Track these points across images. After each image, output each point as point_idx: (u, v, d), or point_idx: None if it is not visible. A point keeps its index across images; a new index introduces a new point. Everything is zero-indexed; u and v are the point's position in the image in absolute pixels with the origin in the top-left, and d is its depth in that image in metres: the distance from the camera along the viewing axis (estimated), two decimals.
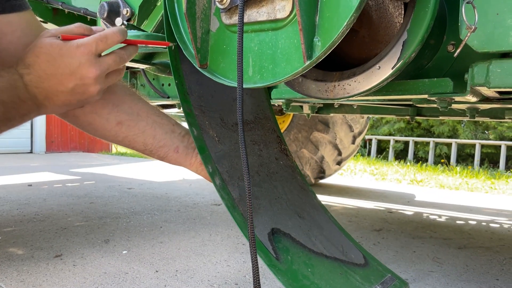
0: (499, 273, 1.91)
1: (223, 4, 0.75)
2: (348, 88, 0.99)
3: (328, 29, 0.68)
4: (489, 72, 0.88)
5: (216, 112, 0.93)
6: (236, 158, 0.93)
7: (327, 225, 1.00)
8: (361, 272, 0.91)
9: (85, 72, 0.64)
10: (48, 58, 0.62)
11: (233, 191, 0.84)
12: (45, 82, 0.63)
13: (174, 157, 0.85)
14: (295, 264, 0.81)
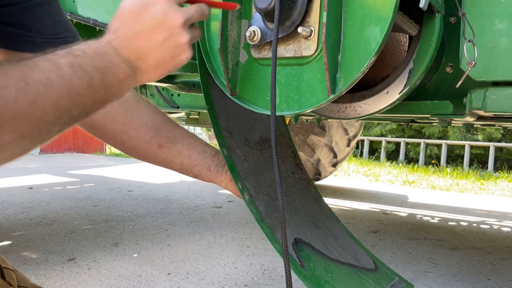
0: (491, 273, 2.03)
1: (253, 41, 0.85)
2: (358, 110, 1.09)
3: (350, 67, 0.78)
4: (486, 98, 0.98)
5: (241, 133, 1.02)
6: (259, 174, 1.02)
7: (340, 233, 1.11)
8: (372, 276, 1.01)
9: (171, 19, 0.63)
10: (133, 15, 0.62)
11: (260, 205, 0.93)
12: (134, 41, 0.61)
13: (207, 175, 0.94)
14: (317, 271, 0.90)
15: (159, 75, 0.67)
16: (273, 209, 0.97)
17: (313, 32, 0.79)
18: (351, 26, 0.76)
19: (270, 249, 2.27)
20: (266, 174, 1.04)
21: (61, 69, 0.51)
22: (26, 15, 0.72)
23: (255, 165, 1.01)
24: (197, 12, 0.68)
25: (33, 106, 0.47)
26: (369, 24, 0.74)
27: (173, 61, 0.66)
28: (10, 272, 0.77)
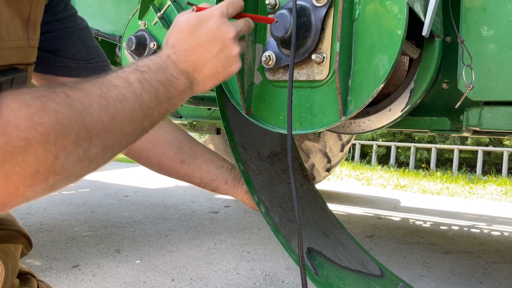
0: (483, 276, 2.12)
1: (268, 65, 0.91)
2: (362, 126, 1.16)
3: (360, 92, 0.84)
4: (482, 116, 1.06)
5: (253, 148, 1.08)
6: (272, 187, 1.08)
7: (347, 241, 1.17)
8: (379, 282, 1.07)
9: (224, 33, 0.69)
10: (190, 30, 0.67)
11: (275, 217, 0.99)
12: (191, 54, 0.67)
13: (224, 188, 0.99)
14: (330, 278, 0.96)
15: (212, 84, 0.72)
16: (286, 220, 1.03)
17: (325, 58, 0.85)
18: (361, 54, 0.83)
19: (270, 255, 2.33)
20: (278, 187, 1.10)
21: (132, 85, 0.56)
22: (61, 42, 0.77)
23: (268, 178, 1.07)
24: (245, 25, 0.75)
25: (114, 121, 0.52)
26: (378, 53, 0.81)
27: (225, 71, 0.72)
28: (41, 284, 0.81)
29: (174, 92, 0.64)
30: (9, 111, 0.42)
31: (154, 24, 1.57)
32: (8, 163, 0.42)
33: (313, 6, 0.84)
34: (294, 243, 0.96)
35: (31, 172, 0.43)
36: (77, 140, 0.47)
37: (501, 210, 4.28)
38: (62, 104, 0.47)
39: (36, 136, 0.43)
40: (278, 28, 0.84)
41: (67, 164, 0.46)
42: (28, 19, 0.61)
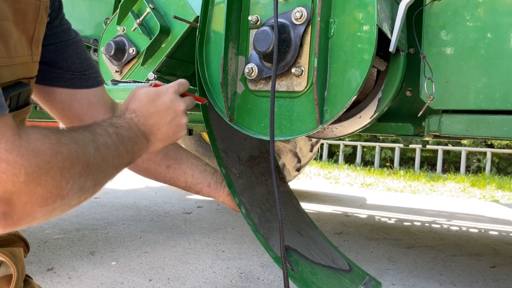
0: (443, 269, 2.28)
1: (251, 76, 0.98)
2: (335, 131, 1.25)
3: (335, 102, 0.92)
4: (441, 123, 1.17)
5: (234, 152, 1.15)
6: (252, 189, 1.15)
7: (319, 239, 1.26)
8: (348, 276, 1.17)
9: (176, 106, 0.83)
10: (148, 100, 0.81)
11: (254, 218, 1.06)
12: (149, 120, 0.79)
13: (207, 191, 1.05)
14: (305, 273, 1.04)
15: (162, 145, 0.85)
16: (264, 220, 1.10)
17: (303, 71, 0.93)
18: (336, 68, 0.91)
19: (244, 253, 2.41)
20: (257, 189, 1.17)
21: (111, 136, 0.67)
22: (57, 55, 0.81)
23: (248, 181, 1.14)
24: (191, 102, 0.90)
25: (103, 161, 0.62)
26: (351, 68, 0.90)
27: (174, 136, 0.85)
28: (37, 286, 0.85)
29: (137, 148, 0.75)
30: (35, 139, 0.50)
31: (133, 30, 1.61)
32: (34, 183, 0.48)
33: (292, 24, 0.92)
34: (272, 242, 1.03)
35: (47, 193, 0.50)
36: (81, 171, 0.56)
37: (459, 206, 4.55)
38: (70, 140, 0.56)
39: (57, 162, 0.50)
40: (261, 43, 0.91)
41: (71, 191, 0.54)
42: (33, 36, 0.65)
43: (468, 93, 1.09)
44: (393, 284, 2.01)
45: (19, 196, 0.48)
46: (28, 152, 0.48)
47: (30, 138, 0.50)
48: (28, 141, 0.49)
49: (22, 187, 0.47)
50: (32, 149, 0.49)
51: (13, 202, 0.48)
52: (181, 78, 1.84)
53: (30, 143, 0.49)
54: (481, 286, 2.04)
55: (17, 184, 0.47)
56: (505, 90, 1.06)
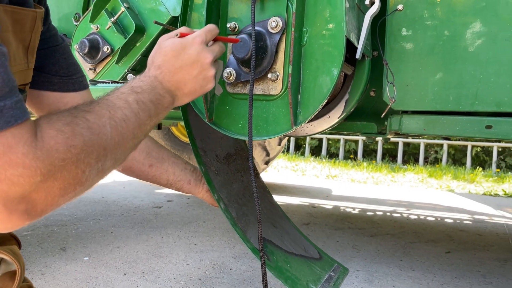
0: (402, 255, 2.45)
1: (229, 80, 1.04)
2: (306, 130, 1.34)
3: (307, 105, 1.00)
4: (401, 123, 1.29)
5: (212, 151, 1.21)
6: (229, 185, 1.22)
7: (291, 230, 1.35)
8: (319, 264, 1.27)
9: (203, 58, 0.81)
10: (174, 54, 0.79)
11: (232, 212, 1.13)
12: (175, 75, 0.78)
13: (188, 188, 1.11)
14: (279, 262, 1.12)
15: (190, 100, 0.86)
16: (242, 214, 1.18)
17: (278, 76, 1.01)
18: (308, 74, 0.99)
19: (217, 245, 2.48)
20: (234, 185, 1.24)
21: (131, 106, 0.67)
22: (45, 60, 0.84)
23: (225, 177, 1.21)
24: (219, 50, 0.89)
25: (121, 138, 0.63)
26: (322, 74, 0.98)
27: (202, 89, 0.85)
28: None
29: (161, 108, 0.76)
30: (49, 138, 0.53)
31: (107, 28, 1.62)
32: (50, 180, 0.52)
33: (268, 32, 0.99)
34: (249, 234, 1.11)
35: (65, 185, 0.54)
36: (98, 157, 0.58)
37: (418, 196, 4.81)
38: (85, 128, 0.57)
39: (71, 157, 0.54)
40: (240, 50, 0.98)
41: (90, 177, 0.57)
42: (29, 45, 0.69)
43: (425, 96, 1.20)
44: (357, 271, 2.15)
45: (38, 193, 0.52)
46: (43, 153, 0.51)
47: (45, 137, 0.52)
48: (43, 140, 0.52)
49: (40, 185, 0.51)
50: (46, 148, 0.51)
51: (33, 199, 0.52)
52: None
53: (45, 143, 0.52)
54: (437, 270, 2.21)
55: (35, 184, 0.51)
56: (457, 94, 1.18)
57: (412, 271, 2.18)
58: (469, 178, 6.25)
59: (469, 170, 7.28)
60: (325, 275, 1.23)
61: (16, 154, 0.49)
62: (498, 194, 5.11)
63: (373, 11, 1.08)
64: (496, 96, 1.14)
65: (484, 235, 3.02)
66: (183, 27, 0.90)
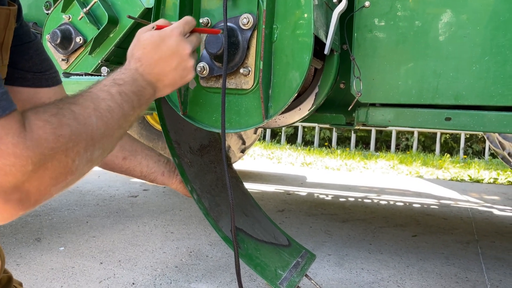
0: (372, 239, 2.56)
1: (202, 74, 1.07)
2: (278, 121, 1.39)
3: (278, 100, 1.05)
4: (368, 115, 1.35)
5: (186, 143, 1.24)
6: (202, 176, 1.26)
7: (262, 218, 1.40)
8: (287, 251, 1.33)
9: (181, 49, 0.82)
10: (153, 46, 0.79)
11: (205, 202, 1.17)
12: (155, 67, 0.79)
13: (161, 179, 1.14)
14: (250, 250, 1.18)
15: (170, 91, 0.87)
16: (214, 204, 1.23)
17: (250, 71, 1.05)
18: (279, 69, 1.04)
19: (193, 233, 2.52)
20: (207, 176, 1.28)
21: (114, 97, 0.69)
22: (19, 56, 0.85)
23: (198, 169, 1.25)
24: (197, 40, 0.90)
25: (108, 128, 0.65)
26: (292, 69, 1.03)
27: (182, 80, 0.86)
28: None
29: (143, 100, 0.78)
30: (38, 128, 0.55)
31: (79, 19, 1.61)
32: (41, 169, 0.54)
33: (240, 28, 1.03)
34: (221, 223, 1.16)
35: (56, 174, 0.56)
36: (86, 146, 0.61)
37: (388, 182, 4.98)
38: (71, 119, 0.59)
39: (60, 146, 0.56)
40: (212, 46, 1.01)
41: (80, 166, 0.60)
42: (2, 42, 0.70)
43: (390, 90, 1.27)
44: (329, 255, 2.24)
45: (30, 182, 0.53)
46: (32, 143, 0.53)
47: (33, 127, 0.54)
48: (31, 131, 0.53)
49: (32, 175, 0.53)
50: (36, 138, 0.53)
51: (26, 188, 0.54)
52: None
53: (34, 133, 0.53)
54: (404, 253, 2.33)
55: (27, 173, 0.52)
56: (419, 87, 1.25)
57: (380, 254, 2.29)
58: (438, 164, 6.50)
59: (438, 156, 7.56)
60: (293, 261, 1.29)
61: (6, 145, 0.51)
62: (464, 180, 5.35)
63: (340, 8, 1.12)
64: (455, 89, 1.22)
65: (449, 219, 3.18)
66: (161, 20, 0.91)
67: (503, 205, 3.82)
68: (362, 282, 1.90)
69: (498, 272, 2.09)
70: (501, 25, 1.16)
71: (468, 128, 1.25)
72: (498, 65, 1.17)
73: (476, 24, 1.18)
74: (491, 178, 5.34)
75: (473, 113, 1.24)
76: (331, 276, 1.95)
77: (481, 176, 5.52)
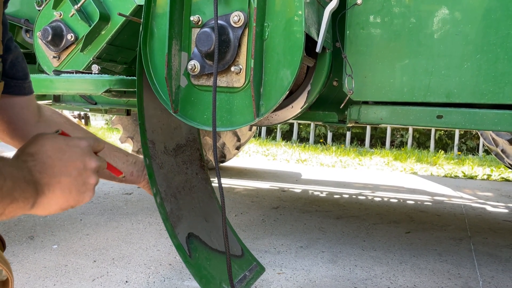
0: (366, 236, 2.57)
1: (194, 72, 1.07)
2: (271, 119, 1.39)
3: (269, 98, 1.04)
4: (360, 112, 1.35)
5: (161, 142, 1.23)
6: (171, 178, 1.23)
7: (222, 225, 1.40)
8: (238, 262, 1.33)
9: (88, 161, 0.68)
10: (54, 146, 0.66)
11: (167, 206, 1.16)
12: (49, 168, 0.64)
13: (130, 179, 1.14)
14: (200, 259, 1.17)
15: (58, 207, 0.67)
16: (176, 208, 1.23)
17: (241, 69, 1.04)
18: (270, 67, 1.04)
19: None
20: (176, 177, 1.28)
21: None
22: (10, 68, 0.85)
23: (168, 170, 1.25)
24: (104, 164, 0.75)
25: None
26: (283, 68, 1.02)
27: (78, 196, 0.68)
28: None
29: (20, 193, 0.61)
30: None
31: (71, 16, 1.60)
32: None
33: (231, 26, 1.02)
34: (178, 229, 1.17)
35: None
36: None
37: (383, 178, 4.99)
38: None
39: None
40: (203, 43, 1.00)
41: None
42: None
43: (382, 87, 1.27)
44: (323, 252, 2.25)
45: None
46: None
47: None
48: None
49: None
50: None
51: None
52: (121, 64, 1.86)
53: None
54: (397, 249, 2.34)
55: None
56: (411, 85, 1.25)
57: (374, 251, 2.30)
58: (432, 161, 6.52)
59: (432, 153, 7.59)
60: (241, 274, 1.30)
61: None
62: (458, 176, 5.38)
63: (332, 6, 1.12)
64: (447, 87, 1.22)
65: (443, 215, 3.20)
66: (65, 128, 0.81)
67: (496, 201, 3.85)
68: (355, 279, 1.91)
69: (490, 268, 2.11)
70: (493, 23, 1.16)
71: (460, 126, 1.25)
72: (489, 63, 1.17)
73: (468, 22, 1.18)
74: (485, 175, 5.37)
75: (465, 111, 1.24)
76: (324, 273, 1.96)
77: (475, 172, 5.56)
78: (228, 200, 3.38)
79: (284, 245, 2.33)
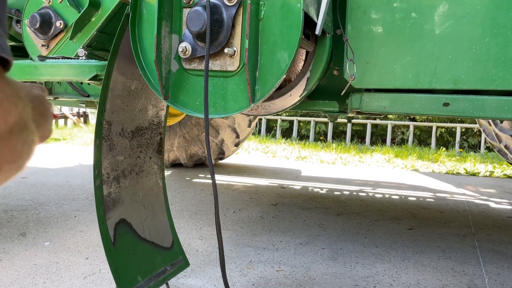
0: (367, 232, 2.50)
1: (185, 55, 1.00)
2: (268, 108, 1.32)
3: (265, 82, 0.98)
4: (362, 101, 1.29)
5: (119, 124, 1.16)
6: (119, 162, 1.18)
7: (161, 213, 1.33)
8: (164, 254, 1.26)
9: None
10: None
11: (106, 190, 1.11)
12: None
13: None
14: (123, 248, 1.11)
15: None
16: (116, 192, 1.18)
17: (236, 52, 0.98)
18: (266, 49, 0.97)
19: (184, 227, 2.45)
20: (124, 162, 1.23)
21: None
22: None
23: (119, 152, 1.20)
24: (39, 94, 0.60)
25: None
26: (280, 49, 0.96)
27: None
28: None
29: None
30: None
31: (60, 2, 1.53)
32: None
33: (224, 5, 0.95)
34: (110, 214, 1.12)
35: None
36: None
37: (384, 175, 4.93)
38: None
39: None
40: (194, 23, 0.94)
41: None
42: None
43: (385, 74, 1.20)
44: (323, 249, 2.18)
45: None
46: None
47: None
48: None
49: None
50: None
51: None
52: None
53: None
54: (399, 246, 2.27)
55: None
56: (416, 71, 1.18)
57: (375, 248, 2.23)
58: (433, 158, 6.45)
59: (433, 150, 7.52)
60: (161, 268, 1.25)
61: None
62: (460, 173, 5.31)
63: None
64: (454, 73, 1.15)
65: (445, 212, 3.13)
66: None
67: (500, 198, 3.78)
68: (356, 276, 1.84)
69: (496, 265, 2.04)
70: (503, 4, 1.09)
71: (467, 114, 1.19)
72: (499, 47, 1.11)
73: (476, 3, 1.11)
74: (487, 171, 5.30)
75: (472, 98, 1.17)
76: (324, 270, 1.89)
77: (477, 169, 5.49)
78: (226, 197, 3.32)
79: (283, 242, 2.26)
